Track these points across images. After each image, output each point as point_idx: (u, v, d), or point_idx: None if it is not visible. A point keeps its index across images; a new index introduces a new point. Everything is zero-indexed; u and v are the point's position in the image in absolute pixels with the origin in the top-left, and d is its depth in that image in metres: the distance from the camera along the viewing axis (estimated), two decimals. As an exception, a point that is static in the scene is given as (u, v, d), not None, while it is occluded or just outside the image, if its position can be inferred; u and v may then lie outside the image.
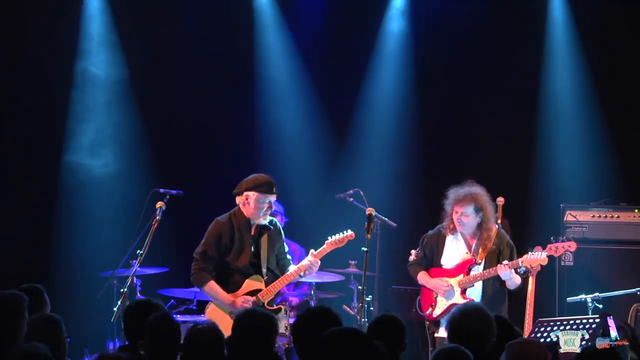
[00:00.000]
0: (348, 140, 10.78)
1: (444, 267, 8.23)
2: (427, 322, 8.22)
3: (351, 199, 9.30)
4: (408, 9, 10.70)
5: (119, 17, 10.52)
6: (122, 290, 7.97)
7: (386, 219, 9.03)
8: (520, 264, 8.11)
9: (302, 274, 8.06)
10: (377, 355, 4.29)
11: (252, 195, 7.85)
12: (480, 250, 8.14)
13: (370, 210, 8.09)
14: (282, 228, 9.70)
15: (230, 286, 7.90)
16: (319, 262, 8.05)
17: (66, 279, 9.90)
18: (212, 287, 7.86)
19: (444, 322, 8.09)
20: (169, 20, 10.60)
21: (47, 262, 10.24)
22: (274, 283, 7.95)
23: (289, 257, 8.21)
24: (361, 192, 9.19)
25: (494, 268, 8.02)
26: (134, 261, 8.36)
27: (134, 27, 10.52)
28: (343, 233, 8.06)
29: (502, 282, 8.14)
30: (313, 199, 10.54)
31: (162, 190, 8.41)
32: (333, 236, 8.06)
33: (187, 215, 9.70)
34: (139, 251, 8.11)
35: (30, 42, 10.31)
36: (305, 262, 8.00)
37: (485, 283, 8.11)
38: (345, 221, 10.24)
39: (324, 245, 8.03)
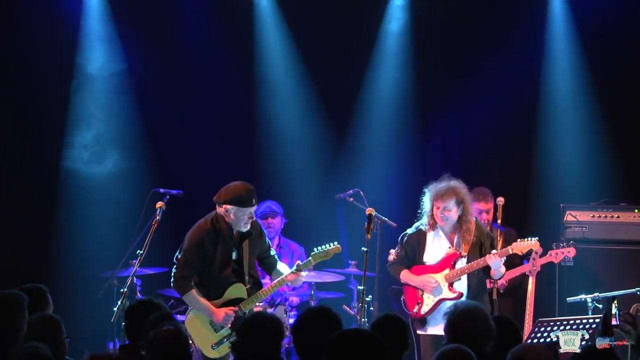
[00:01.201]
0: (348, 140, 10.77)
1: (426, 264, 8.15)
2: (410, 320, 8.12)
3: (351, 199, 9.32)
4: (408, 7, 10.69)
5: (118, 16, 10.51)
6: (122, 290, 7.98)
7: (386, 219, 9.03)
8: (510, 252, 8.10)
9: (290, 283, 8.00)
10: (386, 356, 4.30)
11: (230, 208, 7.68)
12: (462, 243, 8.10)
13: (370, 210, 8.09)
14: (282, 229, 9.73)
15: (212, 293, 7.76)
16: (302, 275, 7.91)
17: (66, 279, 9.90)
18: (194, 295, 7.71)
19: (430, 319, 8.05)
20: (168, 19, 10.60)
21: (48, 262, 10.24)
22: (256, 294, 7.80)
23: (273, 252, 8.07)
24: (361, 192, 9.20)
25: (483, 258, 7.97)
26: (134, 261, 8.36)
27: (133, 26, 10.51)
28: (329, 246, 7.95)
29: (485, 272, 8.09)
30: (313, 199, 10.54)
31: (162, 190, 8.42)
32: (318, 248, 7.96)
33: (187, 215, 9.68)
34: (139, 251, 8.11)
35: (29, 41, 10.32)
36: (285, 276, 7.86)
37: (469, 275, 8.05)
38: (346, 221, 10.29)
39: (309, 258, 7.92)
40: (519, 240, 8.20)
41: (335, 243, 7.97)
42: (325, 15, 10.68)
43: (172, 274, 7.81)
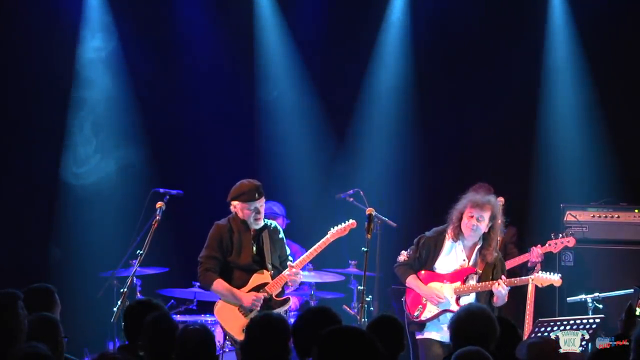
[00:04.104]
0: (348, 140, 10.78)
1: (436, 271, 7.96)
2: (407, 322, 7.91)
3: (351, 199, 9.31)
4: (409, 6, 10.69)
5: (118, 17, 10.51)
6: (122, 290, 7.98)
7: (386, 219, 9.03)
8: (529, 282, 7.92)
9: (289, 284, 8.03)
10: (379, 355, 4.27)
11: (237, 204, 7.90)
12: (479, 261, 7.89)
13: (370, 210, 8.06)
14: (284, 230, 9.74)
15: (236, 284, 7.90)
16: (300, 272, 8.03)
17: (66, 279, 9.90)
18: (220, 283, 7.86)
19: (429, 325, 7.88)
20: (168, 19, 10.60)
21: (47, 262, 10.24)
22: (280, 276, 7.94)
23: (290, 259, 8.19)
24: (361, 192, 9.19)
25: (491, 282, 7.78)
26: (134, 261, 8.37)
27: (133, 27, 10.51)
28: (345, 223, 8.08)
29: (490, 296, 7.90)
30: (313, 199, 10.54)
31: (162, 190, 8.42)
32: (335, 227, 8.08)
33: (187, 215, 9.71)
34: (139, 251, 8.11)
35: (29, 38, 10.33)
36: (306, 255, 8.03)
37: (478, 294, 7.87)
38: (346, 221, 10.27)
39: (327, 235, 8.06)
40: (540, 272, 8.04)
41: (351, 219, 8.07)
42: (325, 15, 10.69)
43: (198, 271, 7.94)
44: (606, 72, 10.25)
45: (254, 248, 7.95)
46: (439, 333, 7.84)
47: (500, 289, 7.74)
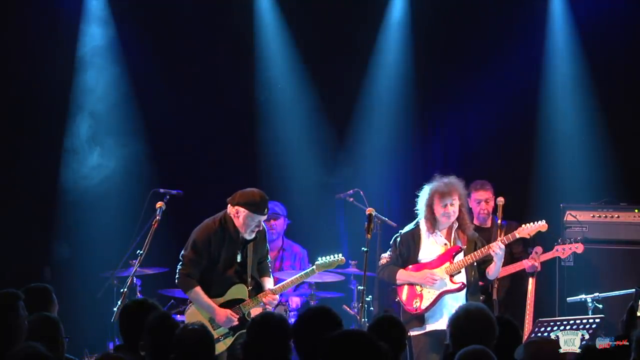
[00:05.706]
0: (348, 140, 10.77)
1: (422, 262, 8.09)
2: (406, 319, 7.95)
3: (351, 199, 9.32)
4: (409, 6, 10.69)
5: (119, 17, 10.52)
6: (122, 290, 7.99)
7: (386, 219, 9.03)
8: (517, 236, 8.11)
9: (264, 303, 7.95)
10: (383, 357, 4.29)
11: (242, 211, 7.74)
12: (460, 238, 8.06)
13: (370, 210, 8.07)
14: (285, 230, 9.75)
15: (214, 292, 7.81)
16: (277, 297, 7.99)
17: (66, 279, 9.90)
18: (197, 293, 7.77)
19: (429, 317, 7.96)
20: (168, 20, 10.60)
21: (47, 262, 10.24)
22: (257, 297, 7.86)
23: (269, 259, 8.15)
24: (361, 192, 9.20)
25: (486, 247, 7.95)
26: (133, 261, 8.37)
27: (134, 28, 10.52)
28: (333, 257, 8.06)
29: (480, 273, 8.08)
30: (313, 199, 10.54)
31: (162, 190, 8.43)
32: (323, 258, 8.05)
33: (187, 215, 9.69)
34: (138, 251, 8.12)
35: (28, 38, 10.35)
36: (263, 297, 7.89)
37: (467, 270, 8.01)
38: (346, 221, 10.29)
39: (313, 267, 8.05)
40: (524, 224, 8.18)
41: (340, 255, 8.07)
42: (325, 15, 10.68)
43: (177, 271, 7.87)
44: (606, 71, 10.25)
45: (239, 259, 7.87)
46: (441, 322, 7.84)
47: (498, 248, 7.90)
